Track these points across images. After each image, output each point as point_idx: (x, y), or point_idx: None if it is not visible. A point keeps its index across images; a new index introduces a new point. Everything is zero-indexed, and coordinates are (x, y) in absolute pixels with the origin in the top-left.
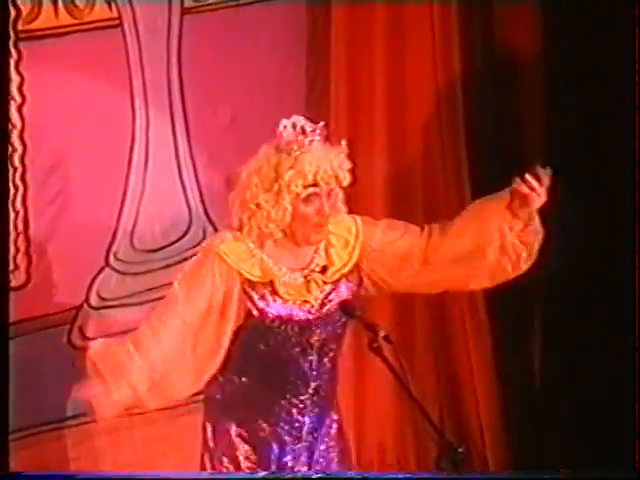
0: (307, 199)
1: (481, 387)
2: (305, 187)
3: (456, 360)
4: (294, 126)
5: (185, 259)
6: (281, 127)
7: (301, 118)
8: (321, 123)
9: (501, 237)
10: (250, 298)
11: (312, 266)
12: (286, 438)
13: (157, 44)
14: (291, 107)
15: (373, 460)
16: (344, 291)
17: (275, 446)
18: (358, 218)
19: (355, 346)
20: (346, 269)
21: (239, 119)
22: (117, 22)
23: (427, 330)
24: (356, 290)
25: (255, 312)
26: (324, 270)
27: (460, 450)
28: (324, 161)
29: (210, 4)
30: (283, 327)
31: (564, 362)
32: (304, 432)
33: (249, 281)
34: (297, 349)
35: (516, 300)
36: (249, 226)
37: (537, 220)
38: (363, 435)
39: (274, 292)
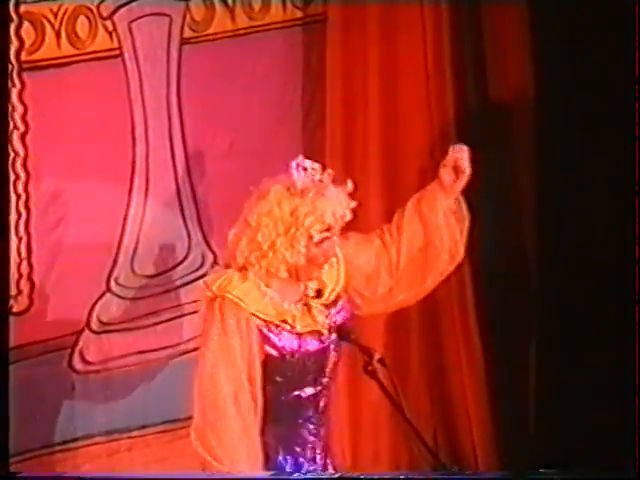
0: (320, 242)
1: (474, 408)
2: (321, 232)
3: (449, 382)
4: (304, 169)
5: (184, 284)
6: (293, 168)
7: (306, 160)
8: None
9: (445, 218)
10: (267, 339)
11: (307, 292)
12: (301, 460)
13: (157, 73)
14: (289, 134)
15: None
16: (346, 311)
17: (289, 465)
18: (334, 236)
19: (350, 369)
20: (339, 287)
21: (237, 146)
22: (118, 52)
23: (421, 353)
24: (351, 309)
25: (274, 352)
26: (319, 293)
27: (453, 471)
28: (337, 204)
29: (208, 34)
30: (301, 360)
31: (559, 378)
32: (317, 451)
33: (265, 322)
34: (311, 376)
35: (508, 321)
36: (258, 266)
37: (464, 205)
38: (357, 456)
39: (291, 328)
